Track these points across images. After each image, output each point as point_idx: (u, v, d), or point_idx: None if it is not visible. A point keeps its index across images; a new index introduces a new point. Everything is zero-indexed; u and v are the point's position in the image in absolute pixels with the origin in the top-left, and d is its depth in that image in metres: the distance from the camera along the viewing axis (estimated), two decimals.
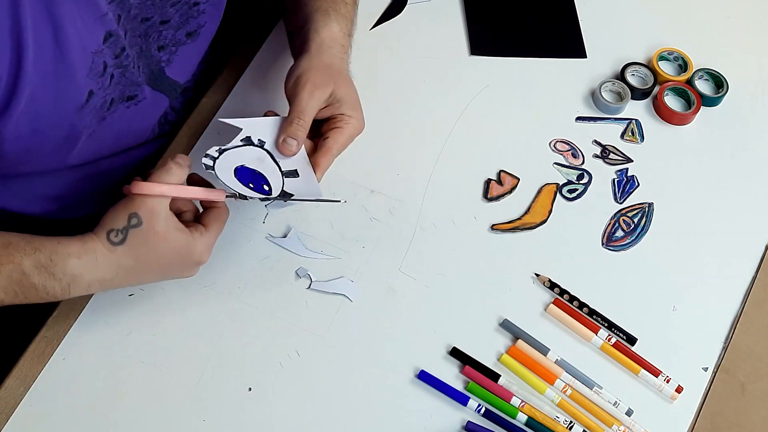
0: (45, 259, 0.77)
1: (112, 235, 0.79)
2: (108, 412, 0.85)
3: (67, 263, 0.78)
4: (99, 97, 0.83)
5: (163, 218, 0.80)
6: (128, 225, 0.79)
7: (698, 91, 1.08)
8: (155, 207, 0.79)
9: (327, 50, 0.92)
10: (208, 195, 0.84)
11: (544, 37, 1.14)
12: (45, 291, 0.78)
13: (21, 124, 0.76)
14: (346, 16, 0.97)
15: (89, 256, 0.79)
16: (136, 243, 0.79)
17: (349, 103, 0.90)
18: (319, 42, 0.92)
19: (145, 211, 0.79)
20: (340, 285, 0.92)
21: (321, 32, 0.93)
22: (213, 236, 0.84)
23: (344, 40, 0.95)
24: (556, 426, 0.86)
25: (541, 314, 0.93)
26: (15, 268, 0.77)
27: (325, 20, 0.94)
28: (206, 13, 0.94)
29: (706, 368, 0.91)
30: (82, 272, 0.78)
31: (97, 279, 0.79)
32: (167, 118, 1.01)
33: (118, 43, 0.82)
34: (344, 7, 0.97)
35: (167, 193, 0.80)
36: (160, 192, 0.79)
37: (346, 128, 0.89)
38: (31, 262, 0.77)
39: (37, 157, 0.84)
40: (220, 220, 0.85)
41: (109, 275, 0.80)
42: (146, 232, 0.79)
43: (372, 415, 0.86)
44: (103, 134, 0.88)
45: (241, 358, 0.88)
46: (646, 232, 0.99)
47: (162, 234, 0.80)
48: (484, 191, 1.01)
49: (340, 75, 0.91)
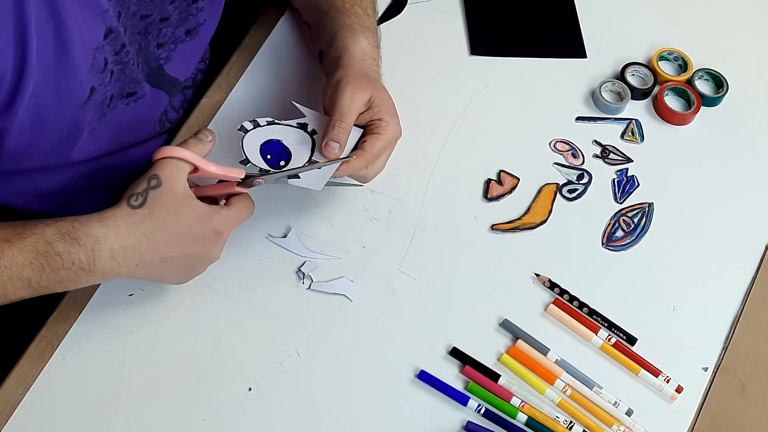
0: (67, 227, 0.77)
1: (133, 199, 0.79)
2: (108, 412, 0.85)
3: (89, 227, 0.77)
4: (100, 93, 0.83)
5: (182, 182, 0.81)
6: (148, 186, 0.79)
7: (698, 91, 1.08)
8: (174, 171, 0.80)
9: (360, 62, 0.93)
10: (226, 171, 0.84)
11: (544, 37, 1.14)
12: (71, 260, 0.76)
13: (24, 120, 0.77)
14: (371, 28, 0.98)
15: (110, 220, 0.78)
16: (155, 204, 0.79)
17: (386, 109, 0.90)
18: (351, 56, 0.93)
19: (165, 174, 0.80)
20: (340, 285, 0.92)
21: (351, 48, 0.94)
22: (234, 212, 0.84)
23: (374, 52, 0.96)
24: (556, 426, 0.86)
25: (541, 314, 0.93)
26: (38, 239, 0.76)
27: (353, 36, 0.94)
28: (205, 10, 0.94)
29: (706, 368, 0.91)
30: (104, 234, 0.77)
31: (119, 245, 0.78)
32: (167, 116, 1.01)
33: (118, 40, 0.83)
34: (367, 19, 0.98)
35: (187, 157, 0.81)
36: (181, 155, 0.81)
37: (384, 134, 0.89)
38: (53, 231, 0.76)
39: (39, 153, 0.84)
40: (243, 203, 0.85)
41: (131, 240, 0.78)
42: (165, 195, 0.79)
43: (372, 415, 0.86)
44: (103, 131, 0.88)
45: (241, 358, 0.88)
46: (646, 232, 0.99)
47: (181, 196, 0.80)
48: (484, 191, 1.01)
49: (375, 81, 0.92)
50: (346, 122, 0.86)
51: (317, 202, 0.98)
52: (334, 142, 0.86)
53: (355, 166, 0.88)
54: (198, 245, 0.82)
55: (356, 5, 0.98)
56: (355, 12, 0.97)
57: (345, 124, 0.86)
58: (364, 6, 0.99)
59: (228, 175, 0.84)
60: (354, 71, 0.91)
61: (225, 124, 1.02)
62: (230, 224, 0.84)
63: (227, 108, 1.04)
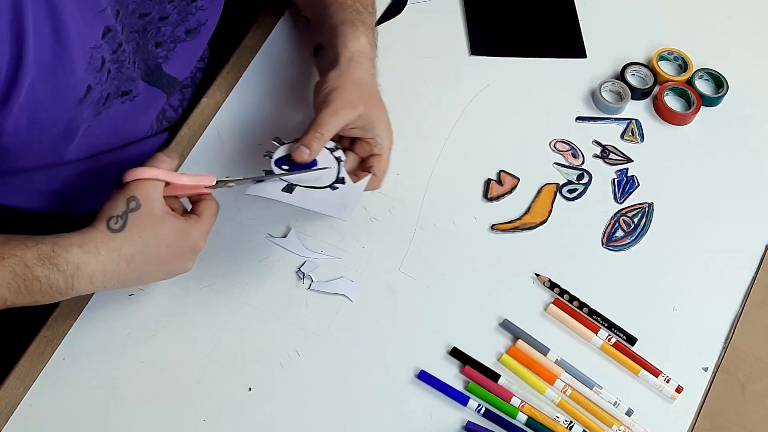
0: (47, 250, 0.77)
1: (112, 222, 0.79)
2: (108, 412, 0.85)
3: (69, 252, 0.77)
4: (96, 92, 0.83)
5: (159, 201, 0.81)
6: (127, 209, 0.80)
7: (698, 91, 1.08)
8: (151, 191, 0.81)
9: (357, 66, 0.93)
10: (199, 180, 0.85)
11: (544, 37, 1.14)
12: (48, 284, 0.76)
13: (20, 117, 0.77)
14: (371, 27, 0.98)
15: (91, 246, 0.78)
16: (136, 227, 0.80)
17: (380, 125, 0.92)
18: (349, 57, 0.93)
19: (143, 195, 0.80)
20: (340, 285, 0.92)
21: (350, 46, 0.93)
22: (207, 224, 0.85)
23: (372, 52, 0.96)
24: (556, 426, 0.86)
25: (541, 314, 0.93)
26: (17, 261, 0.75)
27: (353, 32, 0.94)
28: (205, 10, 0.94)
29: (706, 368, 0.91)
30: (85, 261, 0.78)
31: (99, 270, 0.78)
32: (165, 114, 1.01)
33: (115, 39, 0.83)
34: (368, 17, 0.98)
35: (160, 176, 0.82)
36: (154, 175, 0.81)
37: (384, 153, 0.92)
38: (33, 254, 0.76)
39: (35, 152, 0.84)
40: (210, 209, 0.86)
41: (111, 265, 0.79)
42: (145, 215, 0.80)
43: (372, 415, 0.86)
44: (98, 129, 0.88)
45: (241, 358, 0.88)
46: (646, 232, 0.99)
47: (160, 217, 0.81)
48: (484, 191, 1.01)
49: (370, 93, 0.93)
50: (321, 132, 0.87)
51: None
52: (304, 147, 0.87)
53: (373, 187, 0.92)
54: (175, 262, 0.84)
55: (357, 2, 0.98)
56: (356, 9, 0.97)
57: (320, 134, 0.87)
58: (365, 3, 0.99)
59: (200, 184, 0.86)
60: (348, 80, 0.91)
61: (225, 124, 1.02)
62: (205, 236, 0.85)
63: (227, 108, 1.04)
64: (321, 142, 0.88)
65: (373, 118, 0.91)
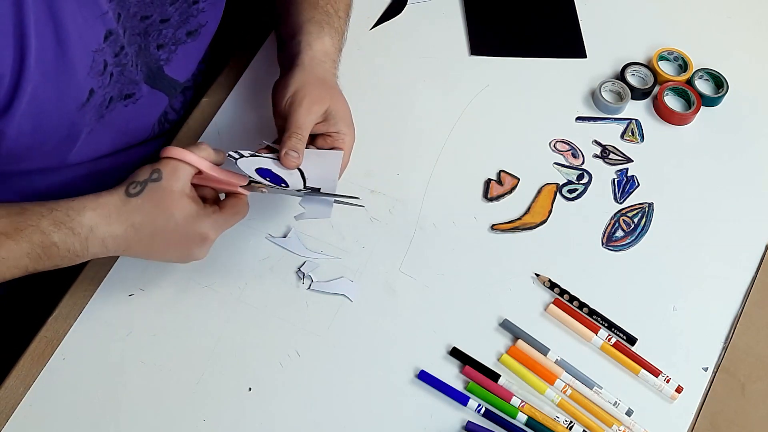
0: (62, 216, 0.79)
1: (131, 187, 0.81)
2: (108, 412, 0.85)
3: (83, 215, 0.79)
4: (99, 95, 0.83)
5: (183, 181, 0.82)
6: (149, 178, 0.81)
7: (698, 91, 1.08)
8: (178, 169, 0.82)
9: (319, 64, 0.93)
10: (230, 177, 0.85)
11: (544, 37, 1.14)
12: (66, 248, 0.79)
13: (23, 122, 0.77)
14: (339, 30, 0.98)
15: (103, 209, 0.80)
16: (150, 197, 0.81)
17: (343, 120, 0.92)
18: (312, 56, 0.93)
19: (168, 170, 0.82)
20: (340, 285, 0.92)
21: (314, 45, 0.94)
22: (224, 219, 0.85)
23: (335, 55, 0.97)
24: (556, 426, 0.86)
25: (541, 314, 0.93)
26: (35, 230, 0.78)
27: (318, 33, 0.95)
28: (206, 11, 0.94)
29: (706, 368, 0.91)
30: (97, 224, 0.80)
31: (110, 234, 0.80)
32: (167, 117, 1.01)
33: (117, 42, 0.83)
34: (337, 21, 0.98)
35: (194, 161, 0.83)
36: (186, 158, 0.82)
37: (345, 147, 0.92)
38: (49, 222, 0.78)
39: (38, 155, 0.85)
40: (235, 208, 0.86)
41: (120, 230, 0.80)
42: (163, 189, 0.81)
43: (372, 415, 0.86)
44: (101, 132, 0.88)
45: (241, 358, 0.88)
46: (646, 232, 0.99)
47: (177, 194, 0.81)
48: (484, 191, 1.01)
49: (333, 89, 0.93)
50: (302, 134, 0.88)
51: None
52: (293, 152, 0.87)
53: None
54: (181, 245, 0.84)
55: (329, 4, 0.98)
56: (327, 10, 0.97)
57: (302, 136, 0.88)
58: (336, 6, 0.99)
59: (231, 181, 0.85)
60: (312, 78, 0.91)
61: (225, 124, 1.02)
62: (218, 229, 0.85)
63: (227, 108, 1.04)
64: (303, 144, 0.88)
65: (338, 113, 0.91)
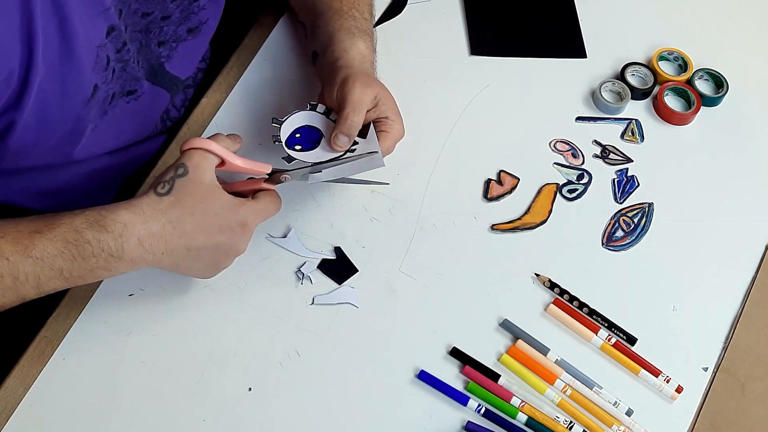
0: (95, 215, 0.77)
1: (159, 187, 0.80)
2: (108, 412, 0.85)
3: (117, 213, 0.78)
4: (102, 91, 0.84)
5: (210, 172, 0.81)
6: (175, 175, 0.80)
7: (698, 91, 1.08)
8: (202, 162, 0.81)
9: (360, 64, 0.94)
10: (252, 165, 0.85)
11: (544, 37, 1.14)
12: (100, 246, 0.76)
13: (29, 117, 0.77)
14: (368, 33, 0.98)
15: (137, 208, 0.79)
16: (182, 193, 0.80)
17: (392, 108, 0.92)
18: (350, 59, 0.93)
19: (193, 163, 0.81)
20: (342, 295, 0.92)
21: (350, 51, 0.94)
22: (260, 205, 0.84)
23: (371, 56, 0.97)
24: (556, 426, 0.86)
25: (541, 314, 0.93)
26: (67, 228, 0.76)
27: (351, 39, 0.95)
28: (207, 9, 0.94)
29: (706, 368, 0.91)
30: (131, 221, 0.78)
31: (146, 232, 0.78)
32: (169, 114, 1.01)
33: (119, 38, 0.83)
34: (364, 23, 0.98)
35: (215, 149, 0.82)
36: (208, 146, 0.82)
37: (391, 132, 0.91)
38: (81, 219, 0.77)
39: (42, 151, 0.85)
40: (270, 198, 0.86)
41: (157, 227, 0.79)
42: (192, 182, 0.80)
43: (372, 415, 0.86)
44: (104, 129, 0.89)
45: (241, 358, 0.88)
46: (646, 232, 0.99)
47: (207, 185, 0.81)
48: (484, 191, 1.01)
49: (380, 82, 0.93)
50: (356, 116, 0.87)
51: (317, 202, 0.98)
52: (343, 135, 0.87)
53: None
54: (223, 235, 0.82)
55: (354, 8, 0.98)
56: (353, 15, 0.97)
57: (356, 118, 0.87)
58: (361, 9, 0.99)
59: (254, 169, 0.85)
60: (357, 71, 0.92)
61: (225, 124, 1.02)
62: (257, 217, 0.84)
63: (227, 108, 1.04)
64: (357, 127, 0.88)
65: (387, 100, 0.92)
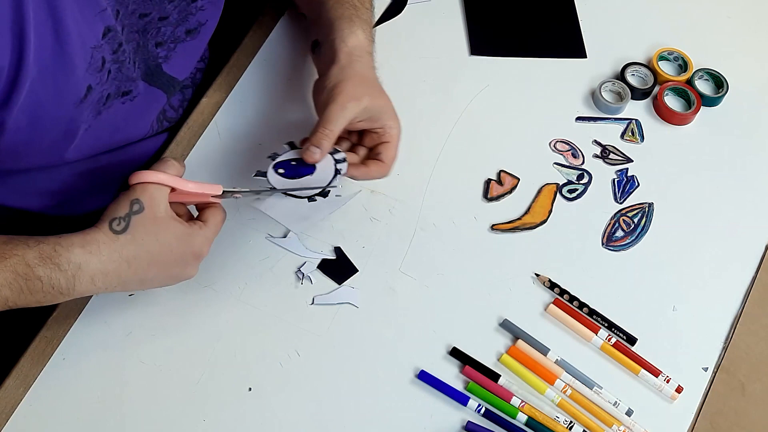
0: (49, 250, 0.77)
1: (115, 223, 0.80)
2: (108, 412, 0.85)
3: (71, 252, 0.77)
4: (97, 92, 0.83)
5: (164, 204, 0.81)
6: (130, 211, 0.80)
7: (698, 91, 1.08)
8: (155, 194, 0.81)
9: (357, 60, 0.92)
10: (204, 188, 0.85)
11: (544, 37, 1.14)
12: (50, 284, 0.76)
13: (20, 117, 0.77)
14: (368, 22, 0.98)
15: (93, 246, 0.78)
16: (138, 230, 0.80)
17: (387, 113, 0.92)
18: (348, 52, 0.93)
19: (147, 198, 0.80)
20: (341, 295, 0.92)
21: (348, 41, 0.93)
22: (211, 231, 0.85)
23: (370, 47, 0.96)
24: (556, 426, 0.86)
25: (541, 314, 0.93)
26: (19, 261, 0.75)
27: (350, 27, 0.94)
28: (205, 10, 0.94)
29: (706, 368, 0.91)
30: (87, 261, 0.78)
31: (100, 271, 0.78)
32: (166, 114, 1.01)
33: (116, 39, 0.83)
34: (365, 12, 0.98)
35: (165, 181, 0.81)
36: (159, 179, 0.81)
37: (393, 140, 0.92)
38: (35, 254, 0.76)
39: (36, 152, 0.84)
40: (216, 217, 0.86)
41: (112, 266, 0.79)
42: (148, 219, 0.80)
43: (372, 415, 0.86)
44: (99, 129, 0.88)
45: (241, 358, 0.88)
46: (646, 232, 0.99)
47: (163, 220, 0.81)
48: (484, 191, 1.01)
49: (372, 85, 0.92)
50: (330, 129, 0.86)
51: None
52: (315, 147, 0.86)
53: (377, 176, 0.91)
54: (176, 266, 0.83)
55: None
56: (353, 4, 0.97)
57: (329, 131, 0.86)
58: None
59: (206, 192, 0.85)
60: (351, 74, 0.91)
61: (225, 124, 1.02)
62: (209, 243, 0.85)
63: (227, 108, 1.04)
64: (331, 140, 0.87)
65: (380, 108, 0.91)
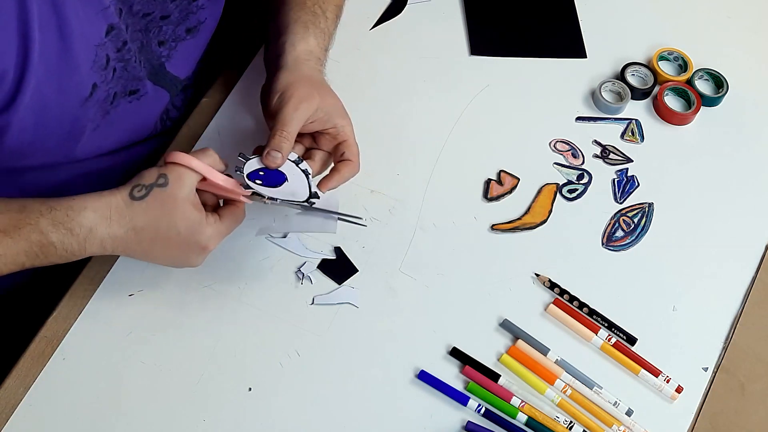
0: (62, 216, 0.79)
1: (136, 189, 0.81)
2: (108, 412, 0.85)
3: (82, 216, 0.79)
4: (102, 90, 0.84)
5: (188, 188, 0.82)
6: (155, 183, 0.81)
7: (698, 91, 1.08)
8: (184, 176, 0.82)
9: (304, 63, 0.93)
10: (233, 186, 0.85)
11: (544, 37, 1.14)
12: (63, 248, 0.79)
13: (26, 116, 0.77)
14: (325, 32, 0.97)
15: (104, 210, 0.80)
16: (154, 203, 0.81)
17: (337, 112, 0.91)
18: (295, 56, 0.93)
19: (174, 176, 0.81)
20: (341, 295, 0.92)
21: (297, 46, 0.93)
22: (224, 227, 0.85)
23: (320, 53, 0.96)
24: (556, 426, 0.86)
25: (541, 314, 0.93)
26: (33, 229, 0.78)
27: (303, 33, 0.95)
28: (206, 8, 0.94)
29: (706, 368, 0.91)
30: (97, 225, 0.80)
31: (109, 235, 0.80)
32: (169, 114, 1.01)
33: (119, 37, 0.83)
34: (324, 21, 0.98)
35: (198, 168, 0.82)
36: (192, 164, 0.82)
37: (349, 137, 0.91)
38: (48, 221, 0.78)
39: (42, 151, 0.85)
40: (234, 216, 0.86)
41: (120, 232, 0.80)
42: (168, 195, 0.81)
43: (372, 415, 0.86)
44: (107, 129, 0.89)
45: (241, 358, 0.88)
46: (646, 232, 0.99)
47: (181, 202, 0.81)
48: (484, 191, 1.01)
49: (321, 86, 0.92)
50: (288, 131, 0.87)
51: None
52: (275, 151, 0.86)
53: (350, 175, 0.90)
54: (180, 251, 0.84)
55: (317, 4, 0.98)
56: (314, 11, 0.97)
57: (286, 134, 0.86)
58: (324, 8, 0.98)
59: (235, 190, 0.85)
60: (299, 77, 0.91)
61: (225, 124, 1.02)
62: (218, 239, 0.85)
63: (227, 108, 1.04)
64: (289, 143, 0.87)
65: (330, 108, 0.91)
